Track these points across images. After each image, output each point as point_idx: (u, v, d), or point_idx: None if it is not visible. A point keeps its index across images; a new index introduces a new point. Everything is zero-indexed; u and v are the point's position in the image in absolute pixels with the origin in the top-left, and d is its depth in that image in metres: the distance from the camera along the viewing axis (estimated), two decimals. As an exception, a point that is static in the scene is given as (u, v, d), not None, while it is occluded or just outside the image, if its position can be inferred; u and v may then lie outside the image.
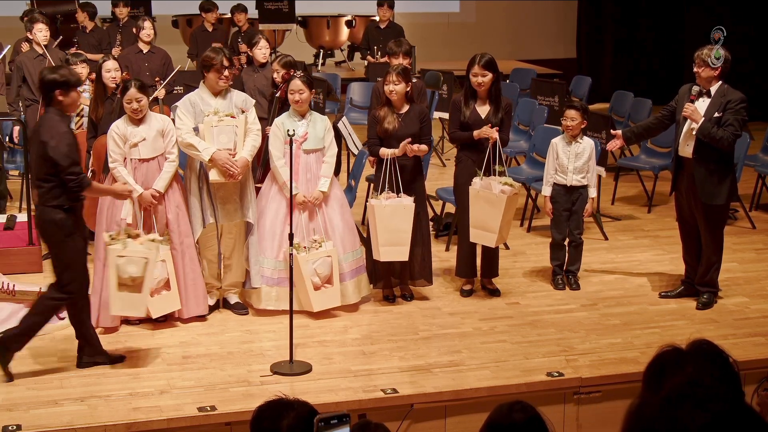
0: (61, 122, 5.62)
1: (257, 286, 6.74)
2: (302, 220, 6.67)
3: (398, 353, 6.17)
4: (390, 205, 6.63)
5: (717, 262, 6.93)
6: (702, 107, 6.69)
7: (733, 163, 6.92)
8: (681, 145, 6.81)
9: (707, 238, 6.86)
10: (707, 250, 6.90)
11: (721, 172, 6.71)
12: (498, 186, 6.66)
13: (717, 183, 6.70)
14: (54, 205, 5.60)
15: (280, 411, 2.77)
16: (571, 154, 7.14)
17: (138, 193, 6.36)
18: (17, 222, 8.11)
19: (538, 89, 10.73)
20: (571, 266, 7.31)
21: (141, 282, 5.88)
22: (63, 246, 5.67)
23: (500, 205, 6.63)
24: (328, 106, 10.57)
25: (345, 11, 14.98)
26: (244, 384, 5.72)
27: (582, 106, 7.38)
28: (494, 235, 6.73)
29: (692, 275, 7.08)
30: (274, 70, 7.71)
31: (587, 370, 5.94)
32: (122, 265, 5.87)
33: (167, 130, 6.53)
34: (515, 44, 16.28)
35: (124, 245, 5.89)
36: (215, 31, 12.54)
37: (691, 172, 6.76)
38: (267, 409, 2.81)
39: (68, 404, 5.44)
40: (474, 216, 6.78)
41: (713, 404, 1.93)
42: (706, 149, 6.65)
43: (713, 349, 2.51)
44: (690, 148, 6.73)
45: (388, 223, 6.63)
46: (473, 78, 6.82)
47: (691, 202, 6.84)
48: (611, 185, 9.82)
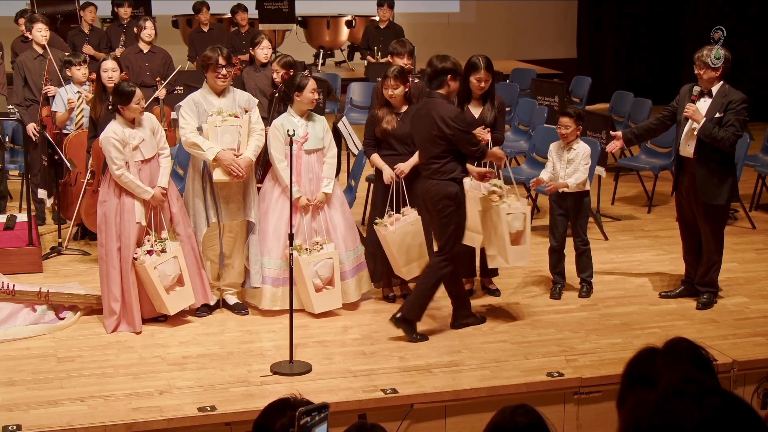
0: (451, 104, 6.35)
1: (257, 286, 6.74)
2: (304, 220, 6.68)
3: (398, 353, 6.17)
4: (398, 228, 6.62)
5: (717, 262, 6.93)
6: (703, 107, 6.69)
7: (734, 163, 6.91)
8: (682, 145, 6.81)
9: (708, 238, 6.86)
10: (708, 250, 6.89)
11: (722, 172, 6.71)
12: (487, 187, 6.63)
13: (718, 183, 6.70)
14: (449, 178, 6.19)
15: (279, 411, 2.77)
16: (564, 161, 7.11)
17: (150, 195, 6.38)
18: (17, 222, 8.11)
19: (538, 89, 10.72)
20: (582, 273, 7.21)
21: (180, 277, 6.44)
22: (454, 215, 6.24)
23: (488, 206, 6.60)
24: (329, 106, 10.57)
25: (345, 11, 14.98)
26: (244, 384, 5.72)
27: (576, 112, 7.19)
28: (480, 236, 6.70)
29: (692, 275, 7.08)
30: (273, 71, 7.72)
31: (587, 370, 5.94)
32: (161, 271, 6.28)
33: (156, 127, 6.59)
34: (515, 44, 16.27)
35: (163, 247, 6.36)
36: (211, 31, 12.53)
37: (692, 172, 6.76)
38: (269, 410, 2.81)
39: (68, 404, 5.44)
40: None
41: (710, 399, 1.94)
42: (707, 149, 6.65)
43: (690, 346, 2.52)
44: (691, 148, 6.73)
45: (401, 244, 6.64)
46: (477, 82, 6.76)
47: (692, 202, 6.84)
48: (611, 185, 9.82)
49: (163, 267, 6.34)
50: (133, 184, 6.34)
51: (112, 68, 7.60)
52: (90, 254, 7.86)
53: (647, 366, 2.42)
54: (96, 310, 6.63)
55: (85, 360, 6.04)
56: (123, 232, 6.36)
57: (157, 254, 6.33)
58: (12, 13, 10.99)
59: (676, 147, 6.96)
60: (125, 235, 6.35)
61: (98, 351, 6.17)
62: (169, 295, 6.37)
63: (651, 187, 9.58)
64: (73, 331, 6.48)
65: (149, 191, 6.38)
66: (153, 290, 6.36)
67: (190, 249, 6.60)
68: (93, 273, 7.25)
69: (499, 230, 6.42)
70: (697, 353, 2.49)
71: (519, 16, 16.60)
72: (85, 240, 8.22)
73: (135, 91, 6.37)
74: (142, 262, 6.30)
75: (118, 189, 6.38)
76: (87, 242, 8.16)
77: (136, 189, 6.35)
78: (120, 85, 6.47)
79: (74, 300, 6.63)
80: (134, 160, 6.39)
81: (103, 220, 6.43)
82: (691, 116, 6.65)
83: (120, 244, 6.36)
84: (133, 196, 6.36)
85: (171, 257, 6.37)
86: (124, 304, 6.39)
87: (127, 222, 6.37)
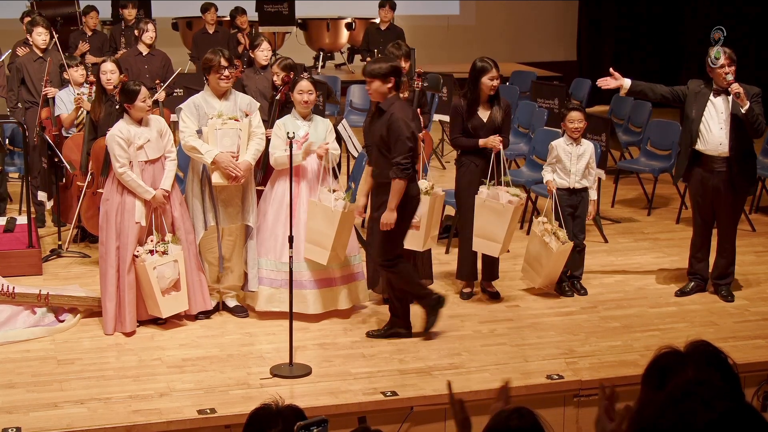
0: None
1: (254, 290, 6.73)
2: (301, 220, 6.61)
3: (398, 356, 6.17)
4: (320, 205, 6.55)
5: (734, 254, 7.18)
6: (724, 105, 6.80)
7: (755, 153, 7.17)
8: (711, 144, 6.84)
9: (729, 232, 7.07)
10: (728, 244, 7.09)
11: (751, 163, 7.02)
12: (505, 196, 6.65)
13: (749, 175, 6.99)
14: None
15: (267, 422, 2.75)
16: (573, 156, 7.13)
17: (151, 195, 6.38)
18: (17, 224, 8.11)
19: (538, 92, 10.73)
20: (575, 271, 7.26)
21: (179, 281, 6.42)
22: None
23: (507, 215, 6.63)
24: (328, 108, 10.57)
25: (345, 14, 14.98)
26: (244, 387, 5.72)
27: (582, 107, 7.38)
28: (499, 245, 6.73)
29: (703, 271, 7.21)
30: (273, 73, 7.72)
31: (587, 372, 5.94)
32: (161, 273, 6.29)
33: (164, 130, 6.59)
34: (515, 47, 16.27)
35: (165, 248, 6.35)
36: (216, 33, 12.54)
37: (722, 170, 6.86)
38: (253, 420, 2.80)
39: (68, 407, 5.44)
40: (479, 225, 6.76)
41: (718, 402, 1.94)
42: (740, 144, 6.81)
43: (712, 350, 2.52)
44: (725, 146, 6.83)
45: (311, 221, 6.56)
46: (490, 82, 6.77)
47: (719, 199, 6.94)
48: (611, 188, 9.82)
49: (162, 269, 6.34)
50: (134, 183, 6.35)
51: (111, 70, 7.60)
52: (90, 257, 7.86)
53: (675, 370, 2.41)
54: (96, 312, 6.63)
55: (85, 362, 6.04)
56: (122, 231, 6.37)
57: (159, 255, 6.34)
58: (12, 15, 11.00)
59: (688, 143, 6.94)
60: (124, 234, 6.36)
61: (98, 353, 6.17)
62: (164, 298, 6.36)
63: (651, 190, 9.58)
64: (73, 334, 6.47)
65: (150, 192, 6.39)
66: (149, 290, 6.36)
67: (192, 255, 6.59)
68: (93, 275, 7.25)
69: (543, 261, 6.89)
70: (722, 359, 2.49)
71: (519, 18, 16.61)
72: (85, 242, 8.21)
73: (140, 89, 6.39)
74: (143, 261, 6.30)
75: (121, 188, 6.39)
76: (87, 245, 8.15)
77: (138, 188, 6.35)
78: (126, 84, 6.49)
79: (74, 302, 6.63)
80: (138, 159, 6.40)
81: (105, 218, 6.44)
82: (742, 94, 6.68)
83: (119, 243, 6.37)
84: (134, 195, 6.37)
85: (171, 260, 6.38)
86: (119, 303, 6.38)
87: (126, 221, 6.38)
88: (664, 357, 2.49)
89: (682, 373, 2.35)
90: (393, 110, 6.06)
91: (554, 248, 6.80)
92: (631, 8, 15.21)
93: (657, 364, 2.48)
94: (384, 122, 6.08)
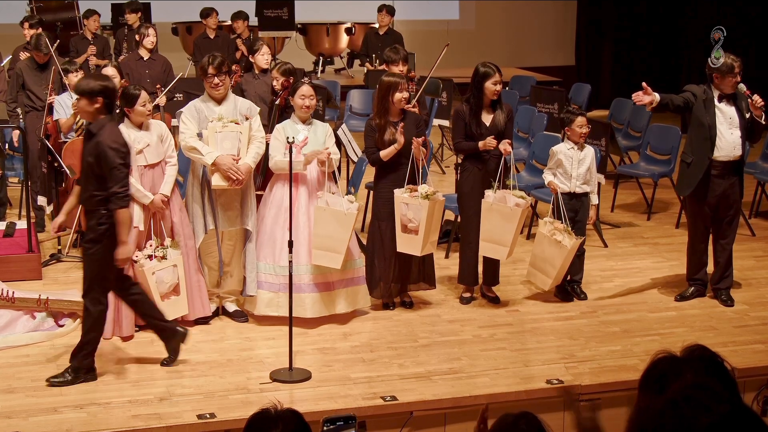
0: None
1: (252, 294, 6.73)
2: (300, 224, 6.61)
3: (398, 360, 6.16)
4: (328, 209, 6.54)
5: (731, 256, 7.25)
6: (729, 111, 6.86)
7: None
8: (726, 150, 6.89)
9: (731, 237, 7.13)
10: (728, 249, 7.12)
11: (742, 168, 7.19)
12: (512, 199, 6.65)
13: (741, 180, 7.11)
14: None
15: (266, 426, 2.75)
16: (575, 161, 7.13)
17: (149, 200, 6.38)
18: (17, 229, 8.11)
19: (538, 96, 10.74)
20: (575, 276, 7.25)
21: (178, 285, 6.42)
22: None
23: (514, 218, 6.62)
24: (328, 113, 10.58)
25: (344, 19, 15.00)
26: (244, 391, 5.71)
27: (584, 112, 7.43)
28: (506, 249, 6.72)
29: (704, 276, 7.23)
30: (273, 78, 7.72)
31: (587, 377, 5.94)
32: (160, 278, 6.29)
33: (165, 135, 6.59)
34: (514, 51, 16.29)
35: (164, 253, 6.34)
36: (217, 38, 12.55)
37: (730, 174, 6.97)
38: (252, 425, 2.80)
39: (67, 411, 5.44)
40: (486, 229, 6.75)
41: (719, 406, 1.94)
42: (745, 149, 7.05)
43: (708, 354, 2.52)
44: (739, 150, 6.94)
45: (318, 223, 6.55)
46: (494, 87, 6.80)
47: (726, 202, 7.00)
48: (611, 192, 9.82)
49: (161, 273, 6.34)
50: (132, 188, 6.34)
51: (112, 75, 7.61)
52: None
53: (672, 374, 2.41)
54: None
55: (85, 367, 6.03)
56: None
57: (158, 260, 6.33)
58: (12, 20, 11.01)
59: (706, 152, 6.91)
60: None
61: (97, 358, 6.15)
62: (164, 303, 6.35)
63: (650, 195, 9.58)
64: (73, 338, 6.45)
65: (149, 196, 6.39)
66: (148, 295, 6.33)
67: (191, 261, 6.59)
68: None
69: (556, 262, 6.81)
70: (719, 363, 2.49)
71: (518, 23, 16.63)
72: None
73: (140, 93, 6.41)
74: (141, 266, 6.29)
75: None
76: (86, 249, 8.14)
77: (136, 193, 6.35)
78: (126, 89, 6.51)
79: (73, 307, 6.62)
80: (137, 164, 6.40)
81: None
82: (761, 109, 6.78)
83: None
84: (133, 200, 6.37)
85: (171, 265, 6.37)
86: (117, 308, 6.37)
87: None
88: (661, 362, 2.49)
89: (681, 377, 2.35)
90: (101, 136, 5.58)
91: (568, 245, 6.77)
92: (631, 8, 15.22)
93: (654, 369, 2.49)
94: (92, 148, 5.62)
